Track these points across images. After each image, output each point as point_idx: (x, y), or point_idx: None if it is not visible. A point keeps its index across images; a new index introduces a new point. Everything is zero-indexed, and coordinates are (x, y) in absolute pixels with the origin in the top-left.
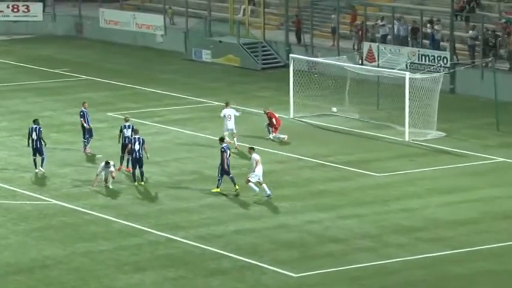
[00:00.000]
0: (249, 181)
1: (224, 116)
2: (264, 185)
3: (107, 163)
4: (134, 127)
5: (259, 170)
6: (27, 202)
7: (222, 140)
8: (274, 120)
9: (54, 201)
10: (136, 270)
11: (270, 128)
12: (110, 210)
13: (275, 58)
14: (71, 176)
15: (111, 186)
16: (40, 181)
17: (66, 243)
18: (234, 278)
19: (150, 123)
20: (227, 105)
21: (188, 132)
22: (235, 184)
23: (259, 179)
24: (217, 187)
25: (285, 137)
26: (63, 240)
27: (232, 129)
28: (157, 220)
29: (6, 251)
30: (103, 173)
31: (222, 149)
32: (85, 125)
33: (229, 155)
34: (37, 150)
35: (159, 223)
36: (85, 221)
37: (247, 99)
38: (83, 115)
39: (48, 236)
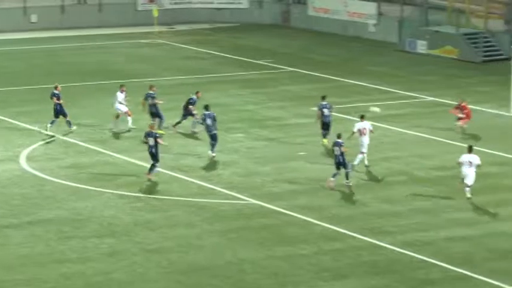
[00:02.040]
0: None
1: (359, 130)
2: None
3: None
4: None
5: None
6: (225, 201)
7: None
8: (465, 112)
9: (253, 201)
10: (337, 277)
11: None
12: (312, 212)
13: (498, 50)
14: (271, 175)
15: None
16: (239, 180)
17: (264, 246)
18: None
19: (355, 118)
20: (362, 118)
21: (397, 129)
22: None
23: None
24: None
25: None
26: (261, 243)
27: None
28: (362, 224)
29: (201, 252)
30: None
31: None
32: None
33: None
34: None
35: (363, 227)
36: (285, 223)
37: (464, 94)
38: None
39: (246, 237)
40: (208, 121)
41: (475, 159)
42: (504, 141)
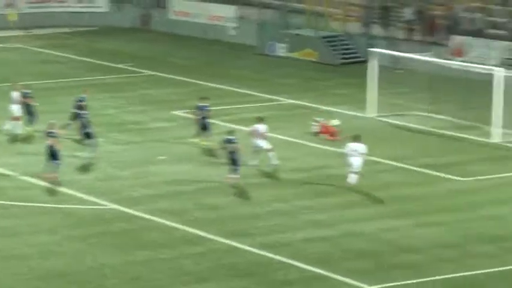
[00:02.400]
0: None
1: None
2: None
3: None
4: None
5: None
6: (85, 206)
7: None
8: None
9: (113, 206)
10: (198, 280)
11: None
12: (172, 216)
13: (355, 52)
14: (131, 179)
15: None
16: (98, 184)
17: (124, 251)
18: None
19: (217, 122)
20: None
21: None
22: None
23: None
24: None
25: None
26: (121, 248)
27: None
28: (222, 227)
29: (62, 258)
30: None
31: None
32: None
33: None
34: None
35: (223, 230)
36: (145, 227)
37: (323, 96)
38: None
39: (106, 242)
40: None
41: (362, 148)
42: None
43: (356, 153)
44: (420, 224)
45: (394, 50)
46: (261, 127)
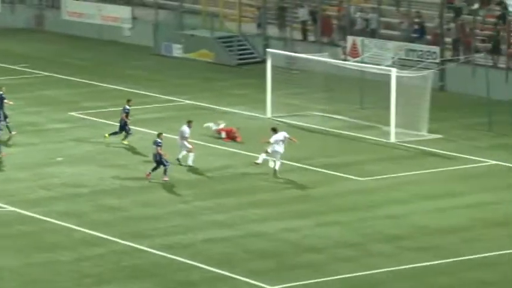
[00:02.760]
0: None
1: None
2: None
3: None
4: None
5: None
6: None
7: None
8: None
9: (11, 208)
10: (98, 283)
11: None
12: (71, 218)
13: (252, 53)
14: (28, 181)
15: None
16: None
17: (23, 253)
18: None
19: (115, 123)
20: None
21: (156, 133)
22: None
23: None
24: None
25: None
26: (20, 250)
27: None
28: (122, 228)
29: None
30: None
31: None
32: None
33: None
34: None
35: (124, 231)
36: (43, 229)
37: (220, 97)
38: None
39: (4, 245)
40: None
41: (283, 135)
42: (260, 143)
43: (280, 141)
44: (320, 223)
45: (290, 51)
46: (187, 129)
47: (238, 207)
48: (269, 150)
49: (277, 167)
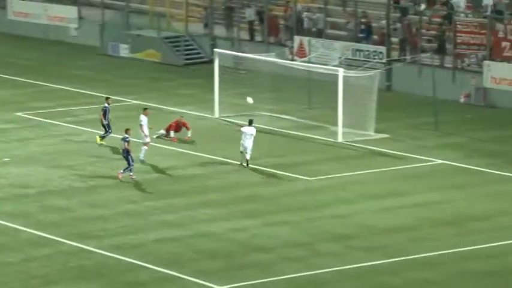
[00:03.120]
0: None
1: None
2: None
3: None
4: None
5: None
6: None
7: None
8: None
9: None
10: (45, 283)
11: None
12: (17, 219)
13: (199, 53)
14: None
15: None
16: None
17: None
18: None
19: (62, 123)
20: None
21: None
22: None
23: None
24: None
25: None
26: None
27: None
28: (70, 229)
29: None
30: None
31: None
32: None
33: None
34: None
35: (71, 232)
36: None
37: (168, 97)
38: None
39: None
40: None
41: (253, 130)
42: (208, 142)
43: (249, 135)
44: (269, 223)
45: (237, 51)
46: (143, 118)
47: (188, 207)
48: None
49: (247, 157)
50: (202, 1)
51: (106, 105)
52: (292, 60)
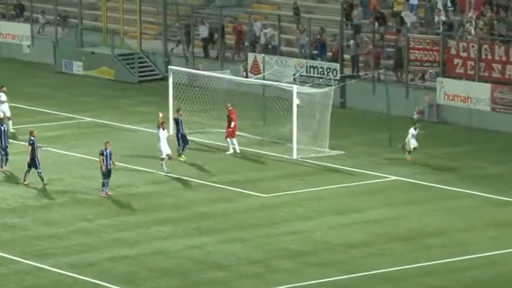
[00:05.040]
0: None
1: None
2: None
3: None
4: None
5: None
6: None
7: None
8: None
9: None
10: None
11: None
12: None
13: (153, 70)
14: None
15: None
16: None
17: None
18: None
19: (15, 142)
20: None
21: (57, 151)
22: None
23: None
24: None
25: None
26: None
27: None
28: (24, 247)
29: None
30: None
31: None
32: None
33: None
34: None
35: (26, 251)
36: None
37: (122, 114)
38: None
39: None
40: None
41: (165, 134)
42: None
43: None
44: (224, 240)
45: (191, 68)
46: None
47: (142, 225)
48: None
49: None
50: (156, 18)
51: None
52: (247, 77)
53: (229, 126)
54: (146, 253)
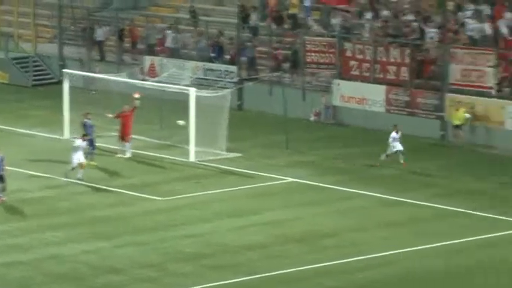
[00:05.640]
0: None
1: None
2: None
3: None
4: None
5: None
6: None
7: None
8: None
9: None
10: None
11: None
12: None
13: (48, 74)
14: None
15: None
16: None
17: None
18: None
19: None
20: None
21: None
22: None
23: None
24: None
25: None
26: None
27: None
28: None
29: None
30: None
31: None
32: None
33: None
34: None
35: None
36: None
37: (17, 119)
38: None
39: None
40: None
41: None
42: (57, 164)
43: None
44: (120, 244)
45: (88, 71)
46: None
47: (36, 230)
48: None
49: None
50: (51, 21)
51: (85, 120)
52: (144, 80)
53: (124, 130)
54: (40, 258)
